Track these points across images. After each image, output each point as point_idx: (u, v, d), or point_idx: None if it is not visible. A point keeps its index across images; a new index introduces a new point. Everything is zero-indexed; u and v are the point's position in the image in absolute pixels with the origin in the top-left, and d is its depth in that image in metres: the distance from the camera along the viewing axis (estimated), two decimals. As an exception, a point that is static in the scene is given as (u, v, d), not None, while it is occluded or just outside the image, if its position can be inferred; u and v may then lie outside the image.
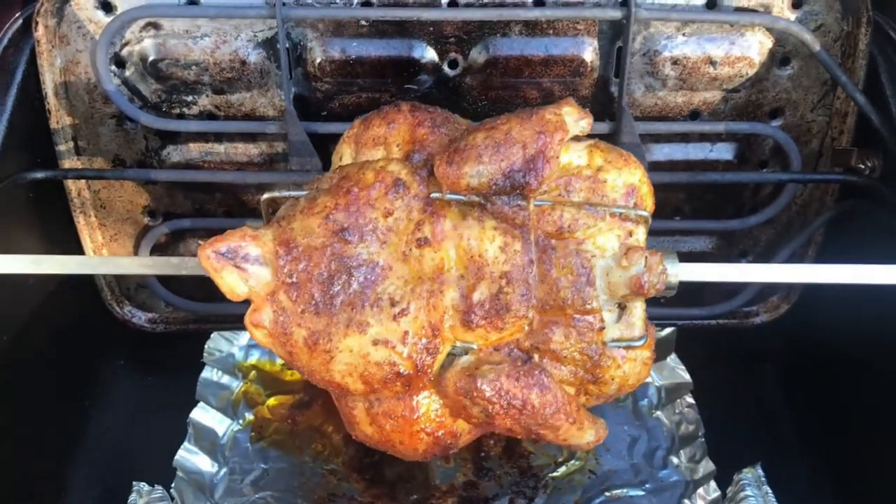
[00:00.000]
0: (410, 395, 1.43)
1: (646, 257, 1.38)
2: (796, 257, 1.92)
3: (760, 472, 1.64)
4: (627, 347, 1.43)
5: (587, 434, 1.46)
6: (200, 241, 1.88)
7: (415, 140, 1.43)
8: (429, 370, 1.39)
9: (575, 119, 1.40)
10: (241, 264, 1.36)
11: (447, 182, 1.36)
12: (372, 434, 1.49)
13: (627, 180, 1.42)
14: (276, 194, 1.45)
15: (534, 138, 1.36)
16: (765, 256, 1.94)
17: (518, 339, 1.42)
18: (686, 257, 1.50)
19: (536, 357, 1.42)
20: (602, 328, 1.41)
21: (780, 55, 1.69)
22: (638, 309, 1.44)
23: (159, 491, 1.63)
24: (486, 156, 1.34)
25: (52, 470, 1.81)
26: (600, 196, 1.41)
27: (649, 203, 1.43)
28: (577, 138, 1.43)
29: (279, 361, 2.04)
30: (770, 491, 1.60)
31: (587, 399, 1.48)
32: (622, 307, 1.43)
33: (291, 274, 1.35)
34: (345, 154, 1.48)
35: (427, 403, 1.45)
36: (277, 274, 1.36)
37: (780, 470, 1.67)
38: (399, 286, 1.36)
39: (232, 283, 1.37)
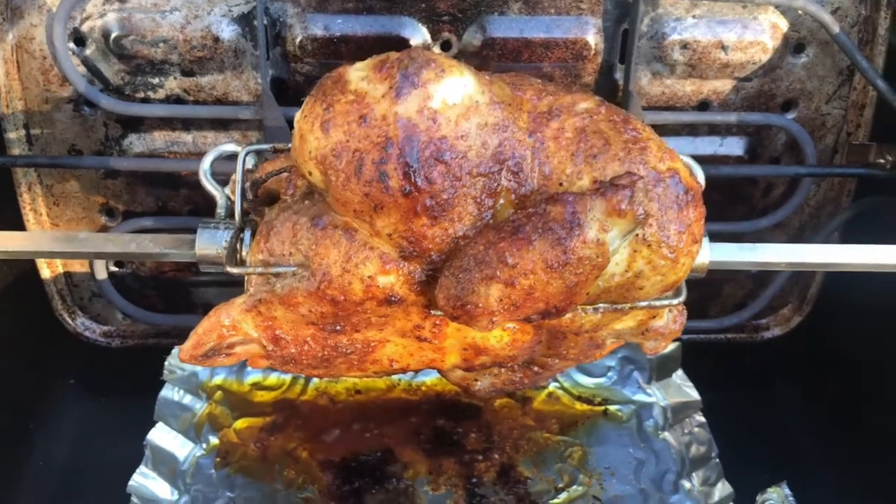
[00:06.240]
0: None
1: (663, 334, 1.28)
2: (810, 264, 1.80)
3: (787, 490, 1.48)
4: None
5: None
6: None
7: (410, 233, 1.09)
8: None
9: (625, 228, 1.06)
10: (227, 353, 1.29)
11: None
12: None
13: (668, 281, 1.13)
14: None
15: (560, 295, 1.07)
16: (776, 264, 1.81)
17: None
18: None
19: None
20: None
21: (795, 41, 1.58)
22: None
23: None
24: (500, 317, 1.09)
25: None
26: (632, 299, 1.16)
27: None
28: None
29: (247, 381, 1.86)
30: (801, 511, 1.44)
31: None
32: None
33: (285, 360, 1.30)
34: (314, 174, 1.11)
35: None
36: (269, 355, 1.30)
37: (803, 494, 1.52)
38: (398, 351, 1.30)
39: (223, 364, 1.33)
